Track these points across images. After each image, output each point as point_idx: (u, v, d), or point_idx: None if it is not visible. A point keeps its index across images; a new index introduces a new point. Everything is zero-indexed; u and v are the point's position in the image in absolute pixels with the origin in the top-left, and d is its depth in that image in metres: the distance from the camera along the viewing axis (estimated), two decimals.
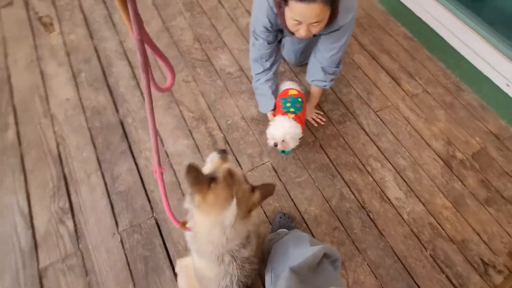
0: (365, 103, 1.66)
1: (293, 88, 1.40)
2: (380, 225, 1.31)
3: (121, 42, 1.80)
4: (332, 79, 1.37)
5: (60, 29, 1.82)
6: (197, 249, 0.81)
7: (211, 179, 0.70)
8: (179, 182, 1.36)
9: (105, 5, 1.95)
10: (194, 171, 0.68)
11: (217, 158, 0.80)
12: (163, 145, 1.46)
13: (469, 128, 1.61)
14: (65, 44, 1.76)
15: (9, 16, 1.86)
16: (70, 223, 1.24)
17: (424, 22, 1.82)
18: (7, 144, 1.42)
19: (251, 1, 1.25)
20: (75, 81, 1.63)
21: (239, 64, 1.75)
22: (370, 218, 1.32)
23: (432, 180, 1.44)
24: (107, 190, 1.32)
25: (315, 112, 1.55)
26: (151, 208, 1.29)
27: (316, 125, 1.54)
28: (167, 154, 1.43)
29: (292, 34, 1.14)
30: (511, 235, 1.32)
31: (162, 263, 1.18)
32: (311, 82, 1.41)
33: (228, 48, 1.81)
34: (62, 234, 1.22)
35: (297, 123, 1.23)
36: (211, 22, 1.93)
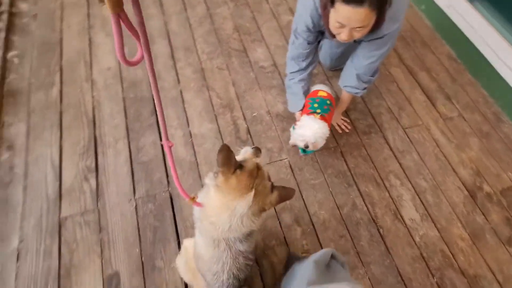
0: (394, 118, 1.62)
1: (323, 90, 1.40)
2: (389, 242, 1.28)
3: (165, 22, 1.88)
4: (365, 88, 1.35)
5: None
6: (199, 226, 0.84)
7: (239, 166, 0.73)
8: (197, 163, 1.41)
9: None
10: (227, 151, 0.71)
11: (250, 152, 0.82)
12: (188, 125, 1.52)
13: (502, 162, 1.52)
14: None
15: None
16: (93, 182, 1.33)
17: (471, 42, 1.73)
18: (51, 100, 1.54)
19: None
20: None
21: (273, 59, 1.77)
22: (379, 233, 1.29)
23: (452, 207, 1.38)
24: (130, 158, 1.40)
25: (342, 118, 1.54)
26: (168, 182, 1.35)
27: (340, 131, 1.53)
28: (190, 134, 1.49)
29: (333, 37, 1.13)
30: None
31: (169, 236, 1.23)
32: (343, 87, 1.39)
33: (266, 43, 1.83)
34: (85, 190, 1.31)
35: (324, 122, 1.24)
36: (253, 15, 1.96)
